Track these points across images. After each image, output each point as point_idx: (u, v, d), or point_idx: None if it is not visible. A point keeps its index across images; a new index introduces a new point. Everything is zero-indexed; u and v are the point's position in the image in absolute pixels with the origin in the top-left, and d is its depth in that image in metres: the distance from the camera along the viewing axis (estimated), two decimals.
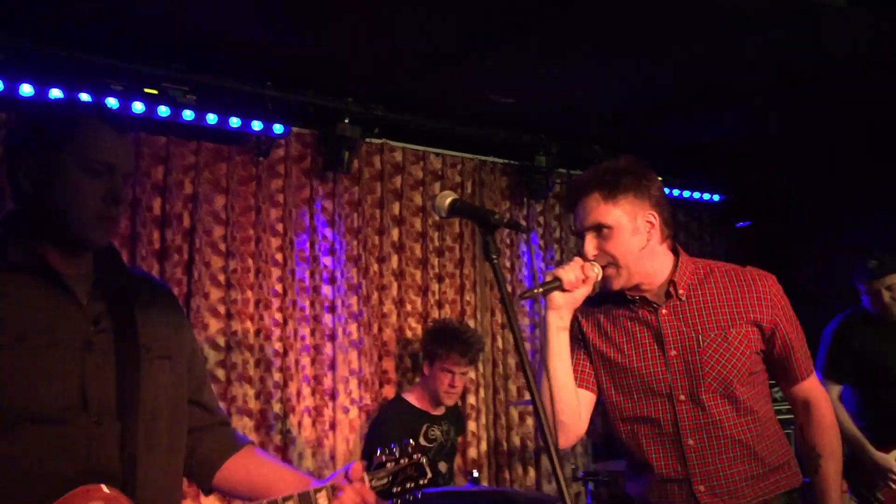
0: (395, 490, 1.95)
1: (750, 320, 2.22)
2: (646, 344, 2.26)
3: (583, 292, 2.18)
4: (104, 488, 1.63)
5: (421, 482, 1.97)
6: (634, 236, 2.20)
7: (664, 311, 2.25)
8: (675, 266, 2.27)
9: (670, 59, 3.94)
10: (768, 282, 2.28)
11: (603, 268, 2.19)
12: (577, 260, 2.19)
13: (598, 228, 2.21)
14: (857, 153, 5.17)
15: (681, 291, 2.25)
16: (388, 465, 1.95)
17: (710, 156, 5.44)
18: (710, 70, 4.08)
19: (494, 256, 1.75)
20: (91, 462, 1.64)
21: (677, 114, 4.72)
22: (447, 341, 4.06)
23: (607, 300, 2.33)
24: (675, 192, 5.55)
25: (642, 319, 2.28)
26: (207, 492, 2.00)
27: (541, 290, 2.11)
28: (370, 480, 1.91)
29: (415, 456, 1.97)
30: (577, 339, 2.35)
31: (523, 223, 5.12)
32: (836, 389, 3.92)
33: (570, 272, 2.14)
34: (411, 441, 2.01)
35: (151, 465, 1.74)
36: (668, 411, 2.22)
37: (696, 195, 5.68)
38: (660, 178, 2.33)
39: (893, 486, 3.67)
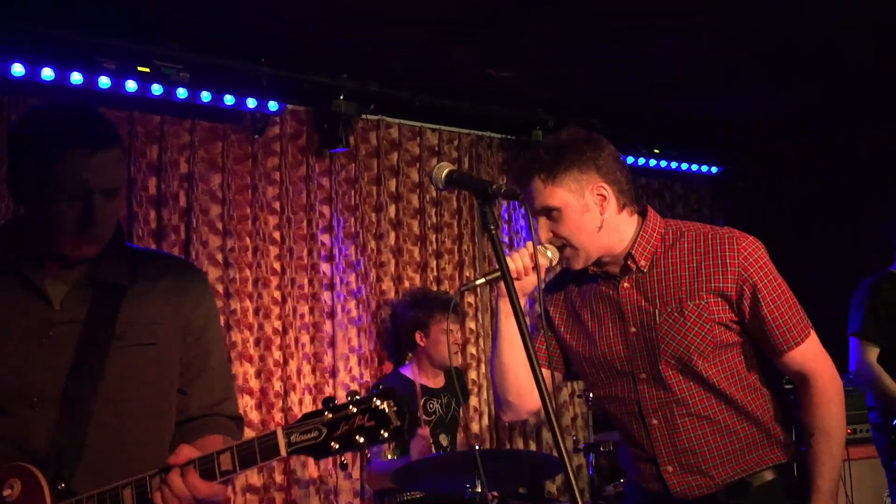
0: (332, 445, 1.56)
1: (712, 289, 2.04)
2: (607, 321, 2.13)
3: (531, 280, 2.05)
4: (26, 466, 1.68)
5: (381, 433, 1.55)
6: (585, 213, 2.07)
7: (626, 284, 2.11)
8: (637, 234, 2.12)
9: (670, 35, 3.91)
10: (740, 244, 2.06)
11: (560, 249, 2.08)
12: (529, 245, 2.05)
13: (547, 211, 2.09)
14: (856, 124, 5.15)
15: (642, 263, 2.10)
16: (326, 414, 1.57)
17: (708, 128, 5.41)
18: (710, 45, 4.04)
19: (493, 227, 1.74)
20: (25, 445, 1.71)
21: (676, 88, 4.69)
22: (438, 305, 4.12)
23: (575, 275, 2.19)
24: (674, 165, 5.54)
25: (604, 295, 2.15)
26: None
27: (483, 280, 1.99)
28: (287, 436, 1.58)
29: (374, 402, 1.55)
30: (544, 319, 2.23)
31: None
32: (875, 352, 3.80)
33: (516, 260, 2.03)
34: (379, 385, 1.65)
35: (108, 449, 1.76)
36: (632, 390, 2.11)
37: (694, 167, 5.66)
38: (608, 145, 2.16)
39: None
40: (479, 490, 3.11)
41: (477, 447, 3.17)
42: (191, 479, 1.62)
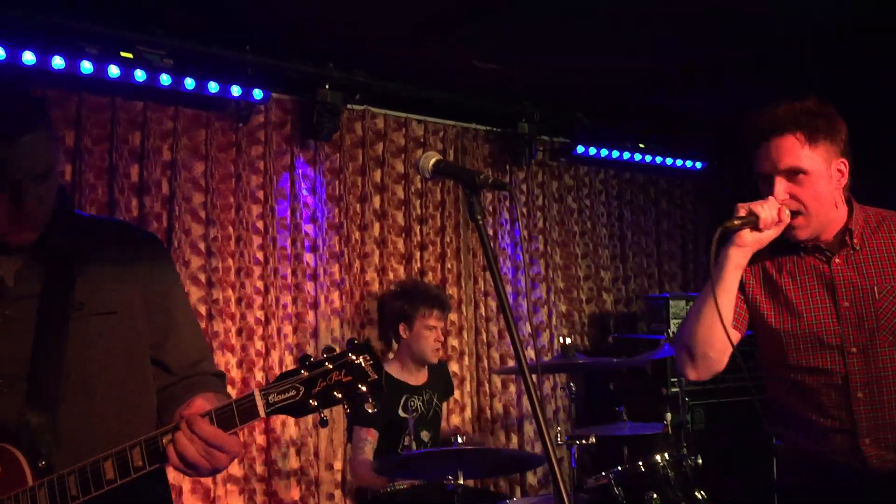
0: (312, 403, 1.56)
1: None
2: (816, 293, 2.18)
3: (771, 234, 2.13)
4: (2, 445, 1.65)
5: (359, 387, 1.55)
6: (827, 184, 2.13)
7: (837, 260, 2.18)
8: (850, 214, 2.20)
9: (657, 28, 3.90)
10: None
11: (791, 215, 2.13)
12: (773, 200, 2.10)
13: (794, 173, 2.11)
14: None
15: (855, 241, 2.17)
16: (302, 372, 1.57)
17: (694, 123, 5.42)
18: (697, 40, 4.04)
19: (480, 218, 1.73)
20: None
21: (662, 83, 4.69)
22: (425, 299, 4.10)
23: (771, 244, 2.20)
24: (659, 160, 5.55)
25: (812, 268, 2.20)
26: None
27: (738, 223, 2.07)
28: (265, 397, 1.58)
29: (349, 356, 1.56)
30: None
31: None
32: None
33: (767, 210, 2.08)
34: (354, 340, 1.61)
35: (82, 423, 1.73)
36: (839, 363, 2.14)
37: (679, 162, 5.67)
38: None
39: None
40: (462, 482, 3.11)
41: (460, 439, 3.16)
42: (203, 425, 1.60)
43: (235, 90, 3.92)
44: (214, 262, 4.01)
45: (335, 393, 1.56)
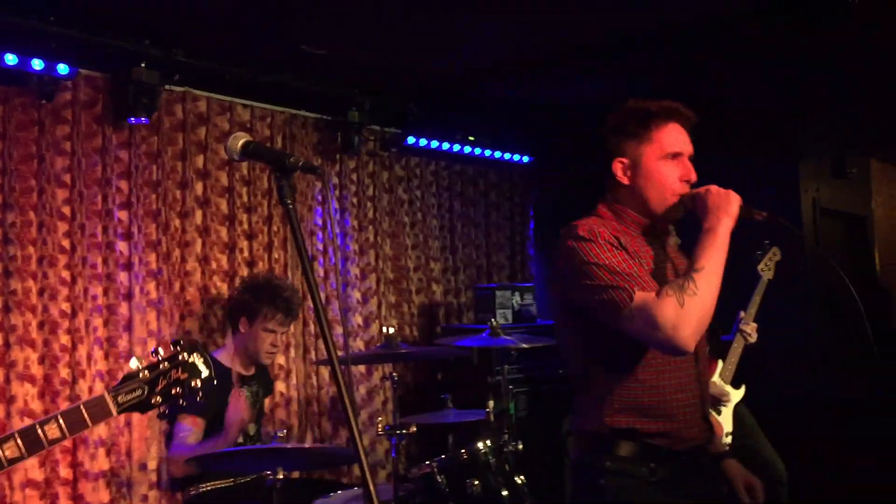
0: (154, 400, 1.78)
1: None
2: (668, 271, 2.37)
3: None
4: None
5: (193, 383, 1.80)
6: None
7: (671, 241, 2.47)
8: None
9: (489, 19, 3.93)
10: None
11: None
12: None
13: (691, 158, 2.33)
14: None
15: None
16: (142, 374, 1.78)
17: (522, 116, 5.56)
18: (529, 32, 4.11)
19: (289, 201, 1.70)
20: None
21: (491, 76, 4.76)
22: (271, 300, 3.97)
23: (629, 220, 2.39)
24: (488, 153, 5.65)
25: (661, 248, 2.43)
26: None
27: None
28: (114, 398, 1.75)
29: (181, 356, 1.79)
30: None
31: (329, 174, 5.01)
32: None
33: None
34: (180, 341, 1.80)
35: None
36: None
37: (507, 156, 5.80)
38: None
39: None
40: (281, 476, 3.03)
41: (280, 433, 3.08)
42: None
43: (37, 64, 3.62)
44: (12, 249, 3.69)
45: (174, 389, 1.79)
